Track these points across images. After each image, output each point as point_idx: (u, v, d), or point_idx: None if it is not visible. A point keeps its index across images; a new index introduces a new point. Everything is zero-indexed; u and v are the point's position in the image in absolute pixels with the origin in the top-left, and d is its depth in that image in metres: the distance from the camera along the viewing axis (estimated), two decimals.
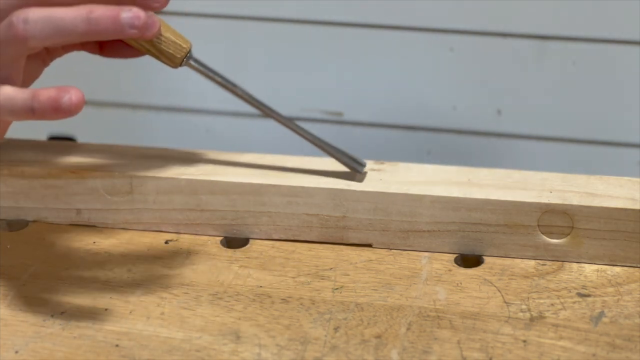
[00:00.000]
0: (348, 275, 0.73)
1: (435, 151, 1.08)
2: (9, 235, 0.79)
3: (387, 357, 0.65)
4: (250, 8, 1.05)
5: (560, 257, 0.73)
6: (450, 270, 0.73)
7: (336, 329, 0.68)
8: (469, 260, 0.74)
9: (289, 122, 0.75)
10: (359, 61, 1.06)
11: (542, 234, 0.73)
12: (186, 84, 1.10)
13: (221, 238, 0.77)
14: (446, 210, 0.74)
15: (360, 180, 0.75)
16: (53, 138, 1.14)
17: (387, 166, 0.77)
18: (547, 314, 0.68)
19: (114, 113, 1.13)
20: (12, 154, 0.80)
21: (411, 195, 0.74)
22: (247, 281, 0.73)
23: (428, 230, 0.74)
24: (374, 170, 0.77)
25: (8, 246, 0.77)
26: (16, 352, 0.67)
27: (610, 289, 0.70)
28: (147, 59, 0.74)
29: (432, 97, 1.06)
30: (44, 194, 0.79)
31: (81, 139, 1.14)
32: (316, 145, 0.76)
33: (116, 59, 0.75)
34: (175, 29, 0.72)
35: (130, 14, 0.65)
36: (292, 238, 0.77)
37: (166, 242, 0.77)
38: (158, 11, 0.68)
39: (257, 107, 0.75)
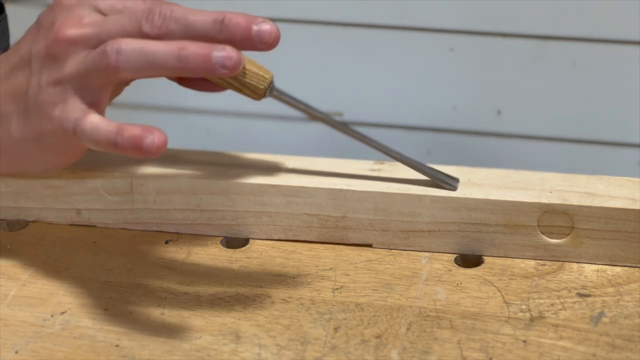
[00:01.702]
0: (348, 275, 0.73)
1: (435, 151, 1.08)
2: (9, 235, 0.79)
3: (387, 357, 0.65)
4: (250, 8, 1.05)
5: (560, 257, 0.73)
6: (450, 270, 0.73)
7: (336, 329, 0.68)
8: (469, 260, 0.74)
9: (387, 149, 0.74)
10: (359, 61, 1.06)
11: (542, 234, 0.73)
12: None
13: (221, 238, 0.77)
14: (446, 210, 0.74)
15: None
16: None
17: (387, 166, 0.77)
18: (547, 314, 0.68)
19: (114, 113, 1.13)
20: None
21: (411, 195, 0.74)
22: (247, 281, 0.73)
23: (428, 230, 0.74)
24: (374, 170, 0.77)
25: (8, 246, 0.77)
26: (16, 352, 0.67)
27: (610, 289, 0.70)
28: None
29: (432, 97, 1.06)
30: (44, 194, 0.79)
31: None
32: (410, 166, 0.74)
33: (193, 90, 0.74)
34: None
35: (223, 53, 0.65)
36: (292, 238, 0.77)
37: (166, 242, 0.77)
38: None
39: (350, 135, 0.74)
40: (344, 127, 0.74)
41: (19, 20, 0.98)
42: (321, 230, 0.76)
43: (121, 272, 0.74)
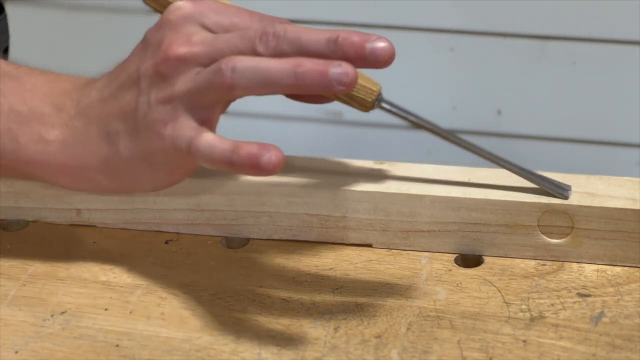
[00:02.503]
0: (348, 275, 0.73)
1: (435, 151, 1.08)
2: (9, 235, 0.79)
3: (387, 357, 0.65)
4: (251, 8, 1.05)
5: (560, 257, 0.73)
6: (450, 270, 0.73)
7: (336, 329, 0.68)
8: (469, 260, 0.74)
9: (496, 158, 0.73)
10: None
11: (542, 234, 0.73)
12: None
13: (221, 238, 0.77)
14: (446, 210, 0.74)
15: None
16: None
17: (387, 166, 0.77)
18: (547, 314, 0.68)
19: None
20: None
21: (411, 195, 0.74)
22: (247, 281, 0.73)
23: (428, 230, 0.74)
24: (374, 170, 0.77)
25: (8, 246, 0.77)
26: (16, 352, 0.67)
27: (610, 289, 0.70)
28: None
29: (432, 97, 1.06)
30: (44, 194, 0.79)
31: None
32: (519, 174, 0.73)
33: (301, 102, 0.73)
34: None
35: (339, 69, 0.63)
36: (292, 238, 0.77)
37: (166, 242, 0.77)
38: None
39: (459, 144, 0.72)
40: (454, 136, 0.73)
41: (19, 20, 0.99)
42: (321, 230, 0.76)
43: (122, 272, 0.74)
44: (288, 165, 0.77)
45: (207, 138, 0.66)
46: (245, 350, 0.66)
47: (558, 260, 0.73)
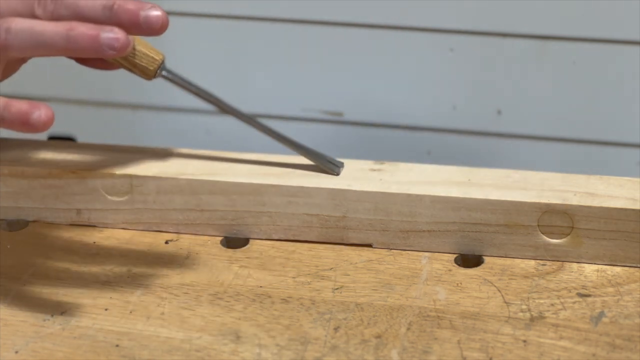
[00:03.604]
0: (348, 275, 0.73)
1: (435, 151, 1.08)
2: (9, 235, 0.79)
3: (387, 357, 0.65)
4: (251, 8, 1.05)
5: (560, 257, 0.73)
6: (450, 270, 0.73)
7: (336, 329, 0.68)
8: (469, 260, 0.74)
9: (274, 133, 0.76)
10: (359, 61, 1.06)
11: (542, 234, 0.73)
12: None
13: (221, 238, 0.77)
14: (446, 210, 0.74)
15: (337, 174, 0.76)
16: (53, 138, 1.14)
17: (387, 166, 0.77)
18: (547, 314, 0.68)
19: (114, 113, 1.13)
20: (12, 154, 0.80)
21: (411, 195, 0.74)
22: (247, 281, 0.73)
23: (428, 230, 0.74)
24: (374, 170, 0.77)
25: (8, 246, 0.77)
26: (16, 352, 0.67)
27: (610, 289, 0.70)
28: None
29: (432, 97, 1.06)
30: (44, 194, 0.79)
31: (81, 139, 1.13)
32: (290, 147, 0.76)
33: (90, 68, 0.75)
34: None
35: (111, 34, 0.66)
36: (292, 238, 0.77)
37: (166, 242, 0.77)
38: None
39: (234, 115, 0.75)
40: (234, 110, 0.75)
41: None
42: (321, 230, 0.76)
43: (121, 272, 0.74)
44: (288, 165, 0.77)
45: None
46: (245, 350, 0.66)
47: (558, 260, 0.73)
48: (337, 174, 0.76)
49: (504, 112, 1.05)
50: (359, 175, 0.76)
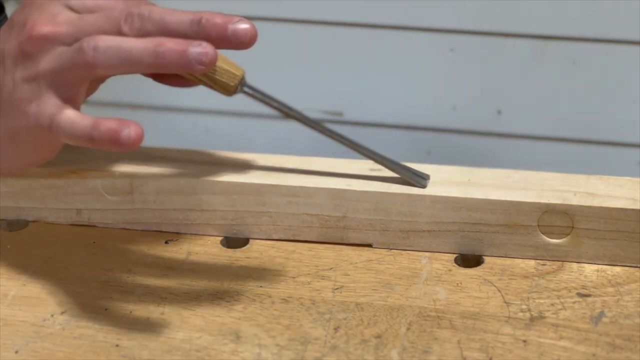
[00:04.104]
0: (348, 275, 0.73)
1: (435, 151, 1.08)
2: (9, 235, 0.79)
3: (387, 357, 0.65)
4: (251, 8, 1.05)
5: (560, 257, 0.73)
6: (450, 270, 0.73)
7: (336, 329, 0.68)
8: (469, 260, 0.74)
9: (360, 147, 0.74)
10: (359, 61, 1.06)
11: (542, 234, 0.73)
12: None
13: (221, 238, 0.77)
14: (446, 210, 0.74)
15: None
16: None
17: None
18: (547, 314, 0.68)
19: (114, 113, 1.13)
20: None
21: (411, 195, 0.74)
22: (247, 281, 0.73)
23: (428, 230, 0.74)
24: (374, 170, 0.77)
25: (8, 246, 0.77)
26: (16, 352, 0.67)
27: (610, 289, 0.70)
28: None
29: (432, 97, 1.06)
30: (44, 194, 0.79)
31: None
32: (378, 162, 0.74)
33: (166, 85, 0.74)
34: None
35: (199, 49, 0.65)
36: (292, 238, 0.77)
37: (166, 242, 0.77)
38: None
39: (316, 129, 0.74)
40: (318, 125, 0.74)
41: None
42: (321, 230, 0.76)
43: (121, 272, 0.74)
44: (288, 165, 0.77)
45: (68, 114, 0.67)
46: (245, 350, 0.66)
47: (558, 260, 0.73)
48: (424, 187, 0.74)
49: (504, 112, 1.05)
50: (358, 175, 0.76)
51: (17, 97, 0.68)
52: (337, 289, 0.72)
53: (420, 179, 0.74)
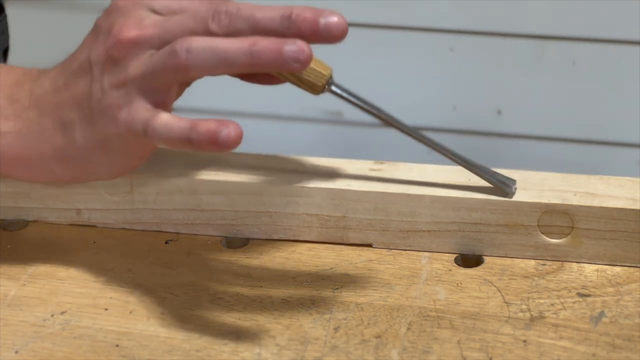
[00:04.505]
0: (348, 275, 0.73)
1: (435, 151, 1.08)
2: (9, 235, 0.79)
3: (387, 357, 0.65)
4: None
5: (560, 257, 0.73)
6: (450, 270, 0.73)
7: (336, 329, 0.68)
8: (469, 260, 0.74)
9: (437, 145, 0.73)
10: (359, 61, 1.06)
11: (542, 234, 0.73)
12: None
13: (221, 238, 0.77)
14: (446, 210, 0.74)
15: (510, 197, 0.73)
16: None
17: (387, 166, 0.77)
18: (547, 314, 0.68)
19: None
20: None
21: (411, 195, 0.74)
22: (247, 281, 0.73)
23: (428, 230, 0.74)
24: (373, 170, 0.77)
25: (8, 246, 0.77)
26: (16, 352, 0.67)
27: (610, 289, 0.70)
28: None
29: (432, 97, 1.06)
30: (44, 194, 0.79)
31: None
32: (463, 165, 0.73)
33: (253, 83, 0.73)
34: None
35: (294, 47, 0.63)
36: (292, 238, 0.77)
37: (166, 242, 0.77)
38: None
39: (404, 131, 0.73)
40: (403, 125, 0.73)
41: (19, 21, 0.99)
42: (321, 230, 0.76)
43: (121, 272, 0.74)
44: (288, 165, 0.77)
45: (164, 118, 0.66)
46: (245, 350, 0.66)
47: (558, 260, 0.73)
48: (512, 195, 0.72)
49: (504, 112, 1.05)
50: (358, 175, 0.76)
51: (107, 104, 0.67)
52: (337, 289, 0.72)
53: (506, 187, 0.72)
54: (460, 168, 0.76)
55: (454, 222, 0.74)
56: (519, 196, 0.73)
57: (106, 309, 0.70)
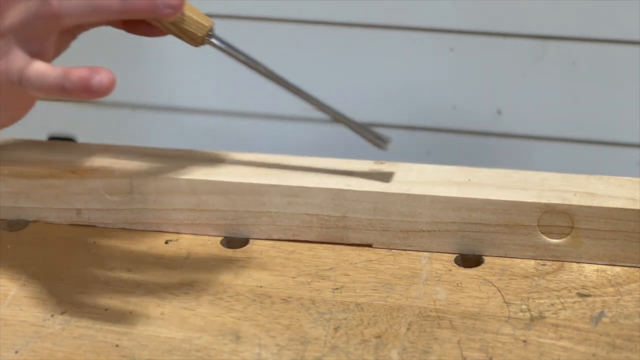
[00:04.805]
0: (348, 275, 0.73)
1: (435, 151, 1.08)
2: (9, 235, 0.79)
3: (387, 357, 0.65)
4: (251, 8, 1.05)
5: (560, 257, 0.73)
6: (450, 270, 0.73)
7: (336, 329, 0.68)
8: (469, 260, 0.74)
9: (318, 102, 0.75)
10: (359, 61, 1.06)
11: (542, 234, 0.73)
12: (186, 84, 1.10)
13: (221, 238, 0.77)
14: (446, 210, 0.74)
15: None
16: (53, 138, 1.14)
17: (387, 166, 0.77)
18: (547, 314, 0.68)
19: (114, 113, 1.13)
20: (12, 154, 0.80)
21: (411, 195, 0.74)
22: (247, 281, 0.73)
23: (428, 230, 0.74)
24: (373, 170, 0.77)
25: (8, 246, 0.77)
26: (16, 352, 0.67)
27: (610, 289, 0.70)
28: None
29: (432, 97, 1.06)
30: (44, 194, 0.79)
31: (81, 139, 1.14)
32: (336, 119, 0.75)
33: (139, 36, 0.74)
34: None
35: None
36: (292, 238, 0.77)
37: (166, 242, 0.77)
38: None
39: (280, 84, 0.74)
40: (282, 80, 0.75)
41: None
42: (321, 230, 0.76)
43: (121, 272, 0.74)
44: (288, 165, 0.77)
45: (38, 67, 0.66)
46: (245, 350, 0.66)
47: (558, 260, 0.73)
48: (385, 149, 0.75)
49: (504, 112, 1.05)
50: (359, 175, 0.76)
51: None
52: (337, 289, 0.72)
53: (381, 142, 0.75)
54: (460, 168, 0.76)
55: (454, 222, 0.74)
56: (519, 196, 0.73)
57: (106, 309, 0.70)
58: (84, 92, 0.65)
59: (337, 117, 0.75)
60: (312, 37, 1.05)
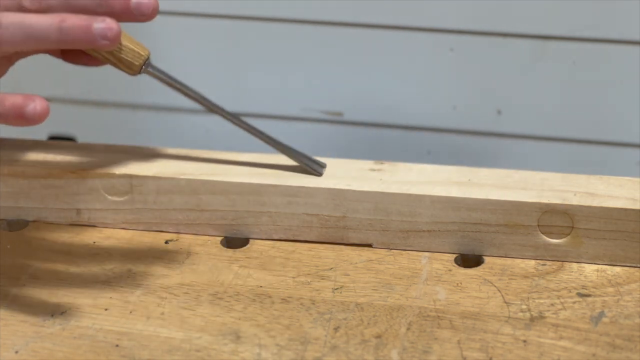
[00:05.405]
0: (348, 275, 0.73)
1: (435, 151, 1.08)
2: (9, 235, 0.79)
3: (387, 357, 0.65)
4: (250, 8, 1.05)
5: (560, 257, 0.73)
6: (450, 270, 0.73)
7: (336, 329, 0.68)
8: (469, 260, 0.74)
9: (254, 129, 0.76)
10: (359, 61, 1.06)
11: (542, 234, 0.73)
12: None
13: (221, 238, 0.77)
14: (446, 210, 0.74)
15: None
16: (53, 138, 1.14)
17: (387, 166, 0.77)
18: (547, 314, 0.68)
19: (114, 113, 1.13)
20: (12, 154, 0.80)
21: (411, 195, 0.74)
22: (247, 281, 0.73)
23: (428, 230, 0.74)
24: (373, 170, 0.77)
25: (8, 246, 0.77)
26: (16, 352, 0.67)
27: (610, 289, 0.70)
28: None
29: (432, 97, 1.06)
30: (44, 194, 0.79)
31: (81, 139, 1.14)
32: (276, 148, 0.76)
33: (77, 65, 0.75)
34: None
35: (103, 24, 0.65)
36: (292, 238, 0.77)
37: (166, 242, 0.77)
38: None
39: (217, 112, 0.75)
40: (219, 108, 0.76)
41: None
42: (321, 230, 0.76)
43: (121, 272, 0.74)
44: (288, 165, 0.77)
45: None
46: (245, 350, 0.66)
47: (558, 260, 0.73)
48: (320, 175, 0.76)
49: (504, 112, 1.05)
50: (358, 175, 0.76)
51: None
52: (337, 289, 0.72)
53: (317, 167, 0.76)
54: (460, 168, 0.76)
55: (454, 222, 0.74)
56: (519, 196, 0.73)
57: (106, 309, 0.70)
58: (18, 119, 0.65)
59: (275, 145, 0.76)
60: (312, 37, 1.05)
